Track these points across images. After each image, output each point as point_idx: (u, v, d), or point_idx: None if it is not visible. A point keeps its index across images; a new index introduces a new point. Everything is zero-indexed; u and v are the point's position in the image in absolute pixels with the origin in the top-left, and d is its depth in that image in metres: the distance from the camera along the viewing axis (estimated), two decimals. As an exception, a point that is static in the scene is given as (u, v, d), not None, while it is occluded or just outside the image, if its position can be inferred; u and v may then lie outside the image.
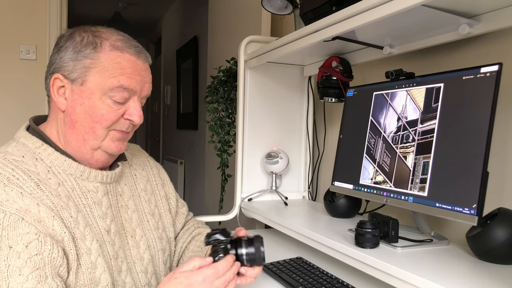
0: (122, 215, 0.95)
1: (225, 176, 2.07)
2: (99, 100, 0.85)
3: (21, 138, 0.88)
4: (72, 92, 0.86)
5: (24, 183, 0.79)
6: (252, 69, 1.62)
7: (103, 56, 0.85)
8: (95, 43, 0.86)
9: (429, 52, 1.21)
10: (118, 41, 0.87)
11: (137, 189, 1.02)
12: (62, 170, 0.86)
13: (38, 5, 2.72)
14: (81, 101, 0.86)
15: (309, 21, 1.19)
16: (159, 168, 1.15)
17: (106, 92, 0.85)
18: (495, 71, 0.87)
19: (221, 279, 0.79)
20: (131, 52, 0.88)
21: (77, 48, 0.85)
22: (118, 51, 0.86)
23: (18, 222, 0.73)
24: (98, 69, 0.85)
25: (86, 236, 0.82)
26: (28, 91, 2.71)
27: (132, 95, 0.89)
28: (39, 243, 0.73)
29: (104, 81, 0.85)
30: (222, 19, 2.61)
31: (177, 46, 4.66)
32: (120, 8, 4.96)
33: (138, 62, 0.89)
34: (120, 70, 0.85)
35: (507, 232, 0.85)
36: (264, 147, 1.66)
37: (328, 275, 1.05)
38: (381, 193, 1.10)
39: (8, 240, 0.71)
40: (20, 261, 0.71)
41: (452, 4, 0.90)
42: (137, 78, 0.88)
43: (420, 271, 0.83)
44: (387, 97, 1.14)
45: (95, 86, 0.85)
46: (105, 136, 0.88)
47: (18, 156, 0.84)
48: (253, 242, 0.87)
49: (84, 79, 0.85)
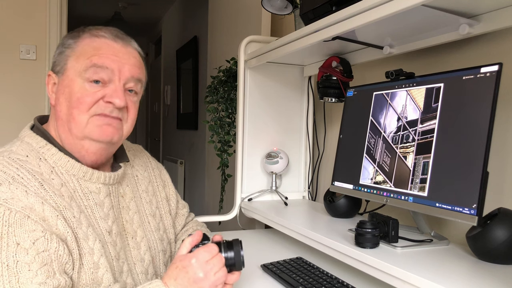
0: (123, 216, 0.95)
1: (225, 176, 2.07)
2: (77, 86, 0.86)
3: (26, 137, 0.88)
4: (57, 84, 0.89)
5: (28, 182, 0.79)
6: (252, 69, 1.62)
7: (80, 44, 0.88)
8: (76, 36, 0.89)
9: (429, 52, 1.21)
10: (101, 31, 0.89)
11: (138, 190, 1.02)
12: (65, 171, 0.86)
13: (38, 5, 2.72)
14: (63, 90, 0.87)
15: (309, 21, 1.19)
16: (161, 169, 1.15)
17: (81, 74, 0.86)
18: (495, 71, 0.87)
19: (215, 258, 0.82)
20: (107, 36, 0.89)
21: (61, 45, 0.89)
22: (95, 37, 0.89)
23: (24, 219, 0.73)
24: (75, 55, 0.87)
25: (88, 236, 0.82)
26: (28, 91, 2.71)
27: (111, 76, 0.87)
28: (45, 240, 0.74)
29: (79, 64, 0.86)
30: (222, 19, 2.61)
31: (177, 46, 4.65)
32: (120, 8, 4.96)
33: (114, 44, 0.89)
34: (93, 51, 0.87)
35: (507, 232, 0.85)
36: (264, 147, 1.66)
37: (328, 275, 1.05)
38: (381, 193, 1.10)
39: (15, 237, 0.72)
40: (29, 257, 0.72)
41: (452, 4, 0.90)
42: (111, 57, 0.87)
43: (420, 271, 0.83)
44: (387, 97, 1.14)
45: (73, 72, 0.86)
46: (86, 123, 0.86)
47: (23, 156, 0.84)
48: (233, 246, 0.85)
49: (64, 68, 0.87)
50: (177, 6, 4.89)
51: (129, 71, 0.89)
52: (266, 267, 1.14)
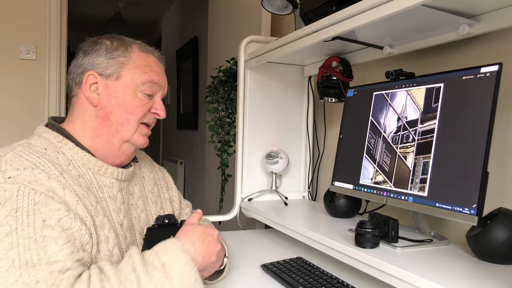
0: (132, 213, 1.00)
1: (225, 176, 2.07)
2: (133, 94, 0.95)
3: (43, 133, 0.93)
4: (106, 87, 0.94)
5: (49, 170, 0.83)
6: (252, 69, 1.62)
7: (134, 56, 0.96)
8: (125, 45, 0.97)
9: (429, 52, 1.21)
10: (142, 45, 1.00)
11: (145, 190, 1.08)
12: (81, 164, 0.91)
13: (38, 5, 2.72)
14: (116, 94, 0.94)
15: (309, 21, 1.19)
16: (164, 172, 1.21)
17: (138, 86, 0.95)
18: (495, 71, 0.87)
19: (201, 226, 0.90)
20: (155, 55, 1.01)
21: (110, 49, 0.95)
22: (145, 53, 0.99)
23: (49, 199, 0.77)
24: (131, 65, 0.95)
25: (105, 225, 0.86)
26: (28, 91, 2.71)
27: (158, 91, 0.99)
28: (69, 219, 0.78)
29: (137, 76, 0.95)
30: (222, 19, 2.61)
31: (177, 46, 4.65)
32: (120, 8, 4.96)
33: (160, 64, 1.02)
34: (149, 67, 0.97)
35: (507, 232, 0.85)
36: (264, 147, 1.66)
37: (328, 275, 1.05)
38: (381, 193, 1.10)
39: (42, 215, 0.75)
40: (55, 232, 0.75)
41: (452, 4, 0.90)
42: (162, 76, 1.00)
43: (420, 271, 0.83)
44: (387, 97, 1.14)
45: (129, 81, 0.94)
46: (136, 129, 0.97)
47: (41, 148, 0.88)
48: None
49: (119, 74, 0.94)
50: (177, 6, 4.89)
51: (166, 88, 1.03)
52: (266, 267, 1.14)
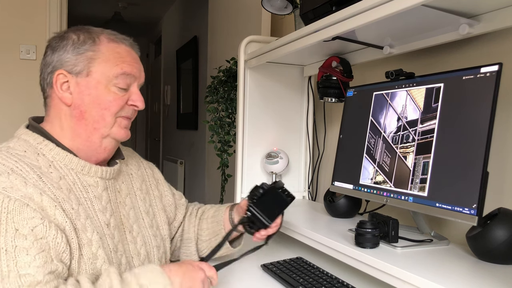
0: (121, 211, 0.98)
1: (225, 176, 2.07)
2: (105, 89, 0.91)
3: (22, 135, 0.91)
4: (78, 84, 0.90)
5: (27, 174, 0.81)
6: (252, 69, 1.62)
7: (103, 48, 0.92)
8: (92, 38, 0.92)
9: (429, 52, 1.21)
10: (111, 35, 0.95)
11: (133, 188, 1.06)
12: (63, 165, 0.89)
13: (38, 5, 2.72)
14: (88, 91, 0.90)
15: (309, 21, 1.19)
16: (153, 168, 1.19)
17: (111, 80, 0.91)
18: (495, 71, 0.87)
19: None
20: (126, 43, 0.96)
21: (77, 44, 0.91)
22: (115, 42, 0.94)
23: (23, 207, 0.75)
24: (101, 59, 0.91)
25: (87, 227, 0.84)
26: (28, 91, 2.70)
27: (133, 82, 0.95)
28: (44, 227, 0.76)
29: (108, 70, 0.91)
30: (222, 19, 2.62)
31: (177, 46, 4.65)
32: (120, 8, 4.97)
33: (132, 52, 0.97)
34: (121, 59, 0.92)
35: (507, 232, 0.85)
36: (264, 147, 1.66)
37: (328, 275, 1.05)
38: (381, 193, 1.10)
39: (14, 223, 0.73)
40: (27, 242, 0.73)
41: (452, 4, 0.90)
42: (136, 65, 0.95)
43: (420, 271, 0.83)
44: (387, 97, 1.14)
45: (101, 75, 0.90)
46: (113, 123, 0.93)
47: (20, 151, 0.86)
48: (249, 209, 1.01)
49: (89, 70, 0.90)
50: (177, 6, 4.89)
51: (143, 77, 0.99)
52: (266, 267, 1.14)
